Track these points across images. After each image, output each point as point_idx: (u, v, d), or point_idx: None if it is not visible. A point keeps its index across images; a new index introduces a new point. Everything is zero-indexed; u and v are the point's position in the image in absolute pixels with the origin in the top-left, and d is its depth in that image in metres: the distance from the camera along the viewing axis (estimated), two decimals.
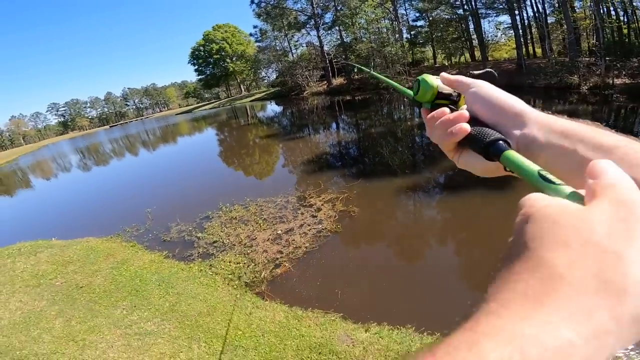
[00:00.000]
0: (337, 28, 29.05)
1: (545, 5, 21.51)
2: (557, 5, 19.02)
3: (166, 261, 4.55)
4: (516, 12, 21.28)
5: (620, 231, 0.19)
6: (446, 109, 0.44)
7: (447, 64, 28.14)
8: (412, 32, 29.28)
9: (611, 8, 18.18)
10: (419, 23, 29.24)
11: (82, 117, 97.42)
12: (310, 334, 2.81)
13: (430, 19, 27.11)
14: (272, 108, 29.68)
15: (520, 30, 21.70)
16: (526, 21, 23.36)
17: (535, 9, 22.43)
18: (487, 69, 0.49)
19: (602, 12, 17.07)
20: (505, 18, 24.38)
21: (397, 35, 24.47)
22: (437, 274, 3.58)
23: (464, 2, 23.97)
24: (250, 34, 40.80)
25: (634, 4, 17.91)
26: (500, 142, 0.36)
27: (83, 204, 9.73)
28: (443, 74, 0.48)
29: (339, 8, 27.53)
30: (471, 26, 24.97)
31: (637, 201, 0.20)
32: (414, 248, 4.26)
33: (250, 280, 3.78)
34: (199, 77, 57.89)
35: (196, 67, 55.07)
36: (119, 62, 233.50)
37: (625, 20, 18.53)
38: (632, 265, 0.18)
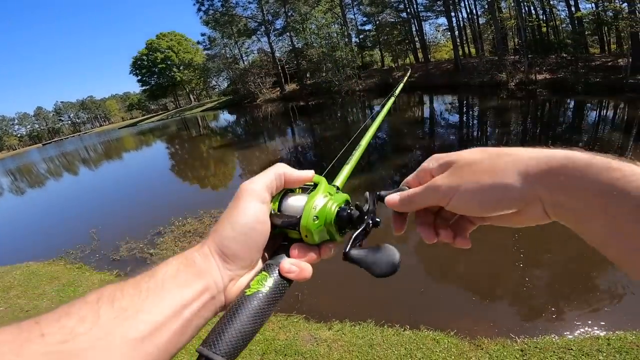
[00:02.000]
0: (288, 34, 29.19)
1: (477, 7, 23.50)
2: (486, 6, 20.82)
3: (119, 280, 4.34)
4: (452, 14, 22.83)
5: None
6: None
7: (394, 65, 29.54)
8: (361, 36, 30.49)
9: (531, 8, 20.26)
10: (367, 27, 30.56)
11: (10, 136, 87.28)
12: (275, 338, 2.82)
13: (377, 22, 28.41)
14: (225, 117, 29.03)
15: (457, 32, 23.38)
16: (461, 22, 25.32)
17: (468, 10, 24.42)
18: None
19: (523, 11, 18.91)
20: (443, 20, 26.19)
21: (346, 40, 25.19)
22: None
23: (407, 6, 25.42)
24: (198, 42, 39.74)
25: (551, 2, 20.03)
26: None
27: (18, 228, 8.84)
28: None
29: (289, 14, 27.68)
30: (414, 29, 26.53)
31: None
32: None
33: None
34: (143, 87, 54.69)
35: (139, 77, 52.02)
36: (50, 74, 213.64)
37: (544, 19, 20.66)
38: (221, 223, 0.37)
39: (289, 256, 0.39)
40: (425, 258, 3.83)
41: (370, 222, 0.39)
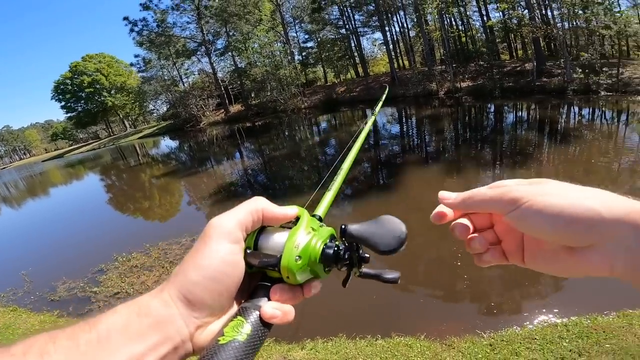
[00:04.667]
0: (230, 54, 28.79)
1: (407, 21, 25.57)
2: (415, 20, 22.68)
3: (61, 320, 4.10)
4: (386, 28, 24.42)
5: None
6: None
7: (336, 81, 30.70)
8: (304, 54, 31.27)
9: (452, 19, 22.39)
10: (309, 44, 31.48)
11: None
12: None
13: (319, 39, 29.47)
14: (167, 143, 27.51)
15: (391, 45, 25.09)
16: (395, 36, 27.32)
17: (400, 24, 26.47)
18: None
19: (446, 23, 20.86)
20: (379, 35, 27.97)
21: (289, 58, 25.61)
22: (355, 281, 3.85)
23: (346, 22, 26.84)
24: (131, 64, 37.44)
25: (468, 13, 22.34)
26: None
27: None
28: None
29: (231, 34, 27.35)
30: (353, 44, 27.98)
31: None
32: None
33: None
34: (69, 114, 49.70)
35: (63, 103, 47.38)
36: None
37: (463, 29, 22.89)
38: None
39: (269, 298, 0.34)
40: (385, 265, 3.99)
41: (359, 260, 0.36)
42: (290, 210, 0.37)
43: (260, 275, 0.37)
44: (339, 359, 2.65)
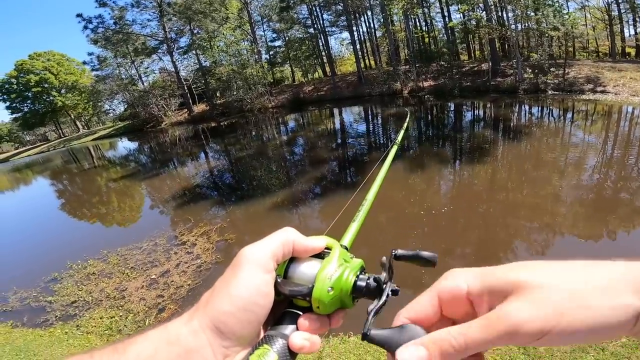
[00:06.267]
0: (194, 52, 27.62)
1: (374, 21, 26.07)
2: (382, 20, 23.16)
3: (15, 331, 3.96)
4: (354, 28, 24.78)
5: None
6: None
7: (304, 80, 30.63)
8: (271, 53, 30.86)
9: (417, 20, 23.02)
10: (277, 43, 31.11)
11: None
12: None
13: (287, 38, 29.21)
14: (125, 145, 25.93)
15: (358, 45, 25.47)
16: (362, 36, 27.70)
17: (367, 24, 26.91)
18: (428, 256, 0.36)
19: (410, 24, 21.45)
20: (347, 34, 28.25)
21: (256, 57, 25.11)
22: None
23: (314, 22, 26.82)
24: (84, 62, 34.87)
25: (431, 14, 23.10)
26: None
27: None
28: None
29: (195, 32, 26.27)
30: (321, 44, 28.03)
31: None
32: None
33: (134, 331, 3.51)
34: (14, 115, 45.65)
35: (8, 103, 43.41)
36: None
37: (426, 30, 23.64)
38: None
39: (296, 327, 0.34)
40: None
41: (390, 293, 0.35)
42: (319, 242, 0.37)
43: (285, 303, 0.36)
44: (313, 357, 2.62)
